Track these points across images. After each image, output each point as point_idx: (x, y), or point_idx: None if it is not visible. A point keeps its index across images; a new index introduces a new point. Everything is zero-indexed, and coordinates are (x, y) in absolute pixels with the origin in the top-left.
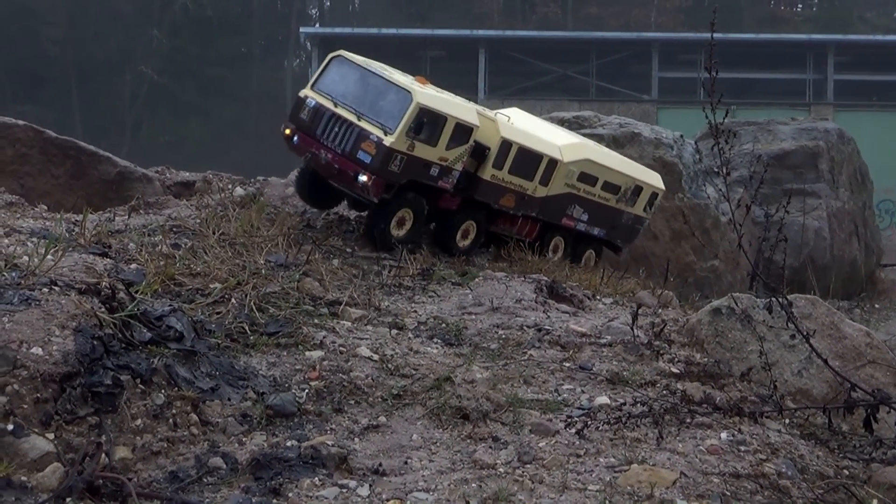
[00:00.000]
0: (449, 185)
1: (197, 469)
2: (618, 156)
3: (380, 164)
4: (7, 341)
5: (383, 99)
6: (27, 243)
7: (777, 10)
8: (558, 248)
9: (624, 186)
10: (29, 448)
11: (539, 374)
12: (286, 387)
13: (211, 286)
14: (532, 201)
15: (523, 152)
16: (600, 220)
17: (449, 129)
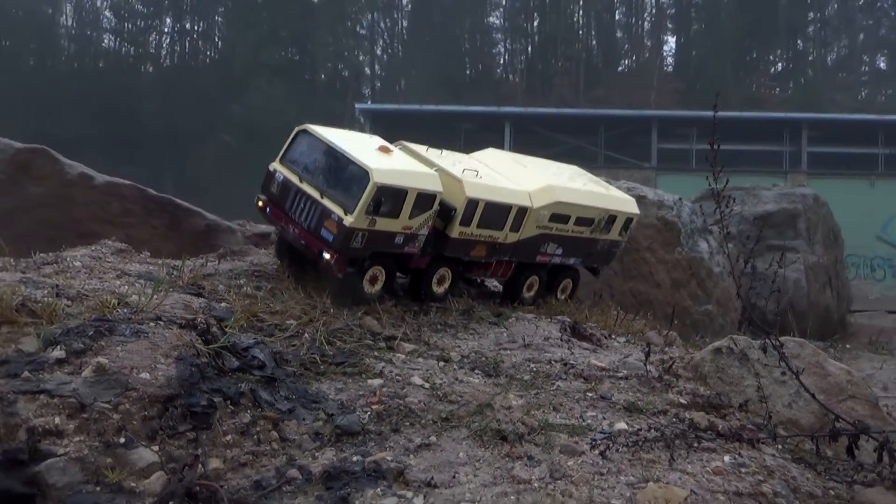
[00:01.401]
0: (416, 250)
1: (277, 479)
2: (593, 190)
3: (341, 243)
4: (120, 367)
5: (344, 175)
6: (135, 284)
7: (758, 91)
8: (533, 286)
9: (597, 218)
10: (137, 458)
11: (566, 402)
12: (351, 409)
13: (287, 322)
14: (504, 247)
15: (491, 206)
16: (575, 252)
17: (411, 200)
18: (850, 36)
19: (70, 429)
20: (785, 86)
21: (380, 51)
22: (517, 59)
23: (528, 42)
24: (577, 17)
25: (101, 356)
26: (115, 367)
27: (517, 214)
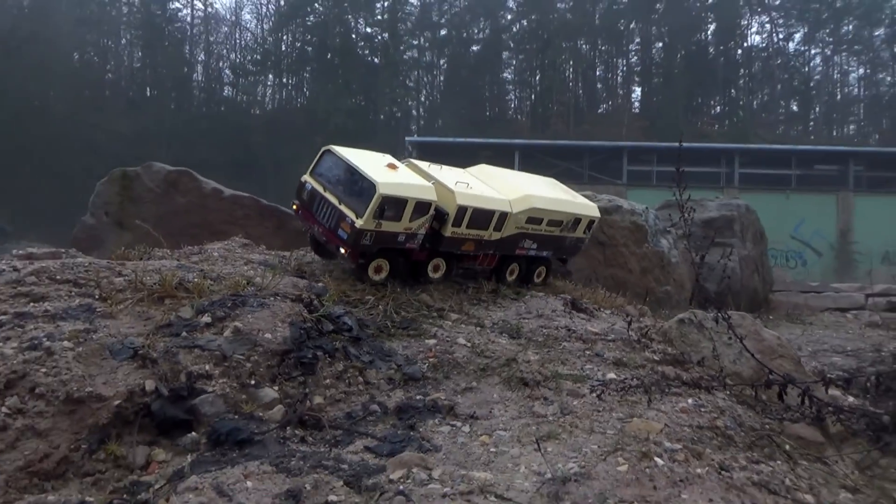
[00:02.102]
0: (416, 246)
1: (363, 412)
2: (563, 198)
3: (353, 241)
4: (251, 330)
5: (357, 186)
6: (257, 269)
7: (702, 128)
8: (514, 272)
9: (565, 220)
10: (263, 395)
11: (570, 358)
12: (414, 361)
13: (366, 297)
14: (489, 243)
15: (477, 212)
16: (547, 246)
17: (410, 207)
18: (771, 86)
19: (216, 373)
20: (722, 123)
21: (423, 98)
22: (524, 104)
23: (531, 91)
24: (568, 73)
25: (237, 321)
26: (247, 329)
27: (499, 218)
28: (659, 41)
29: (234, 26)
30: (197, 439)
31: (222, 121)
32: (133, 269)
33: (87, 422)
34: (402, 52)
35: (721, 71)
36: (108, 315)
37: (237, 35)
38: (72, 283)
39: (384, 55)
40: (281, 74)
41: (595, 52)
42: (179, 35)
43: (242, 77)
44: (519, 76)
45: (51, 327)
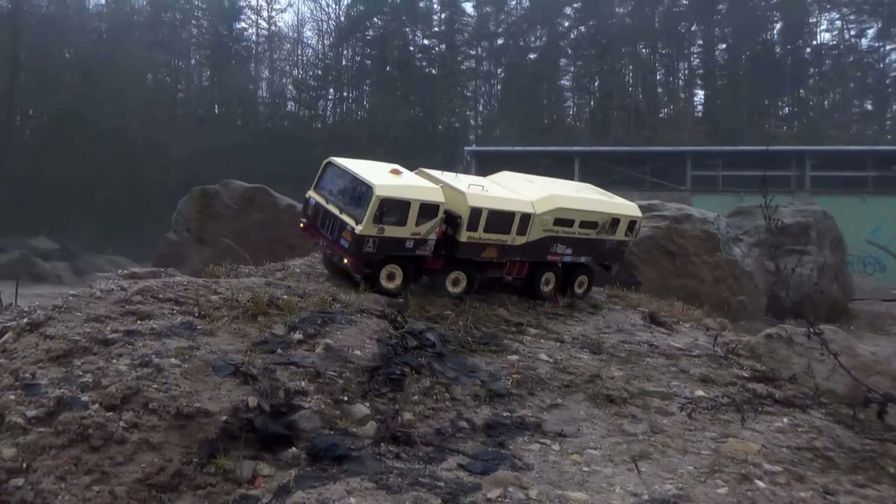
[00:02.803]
0: (427, 252)
1: (452, 428)
2: (594, 198)
3: (355, 249)
4: (341, 346)
5: (356, 193)
6: (340, 284)
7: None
8: (550, 282)
9: (601, 221)
10: (356, 411)
11: (655, 374)
12: (498, 378)
13: (445, 313)
14: (514, 249)
15: (494, 214)
16: (584, 251)
17: (415, 210)
18: (843, 85)
19: (311, 389)
20: (791, 125)
21: (481, 107)
22: (582, 110)
23: (590, 97)
24: (628, 78)
25: (328, 338)
26: (337, 346)
27: (521, 220)
28: (722, 42)
29: (297, 43)
30: (297, 454)
31: (286, 135)
32: (227, 287)
33: (197, 436)
34: (460, 62)
35: (789, 71)
36: (207, 332)
37: (299, 52)
38: (173, 302)
39: (442, 66)
40: (341, 88)
41: (655, 55)
42: (245, 54)
43: (304, 92)
44: (577, 83)
45: (158, 344)
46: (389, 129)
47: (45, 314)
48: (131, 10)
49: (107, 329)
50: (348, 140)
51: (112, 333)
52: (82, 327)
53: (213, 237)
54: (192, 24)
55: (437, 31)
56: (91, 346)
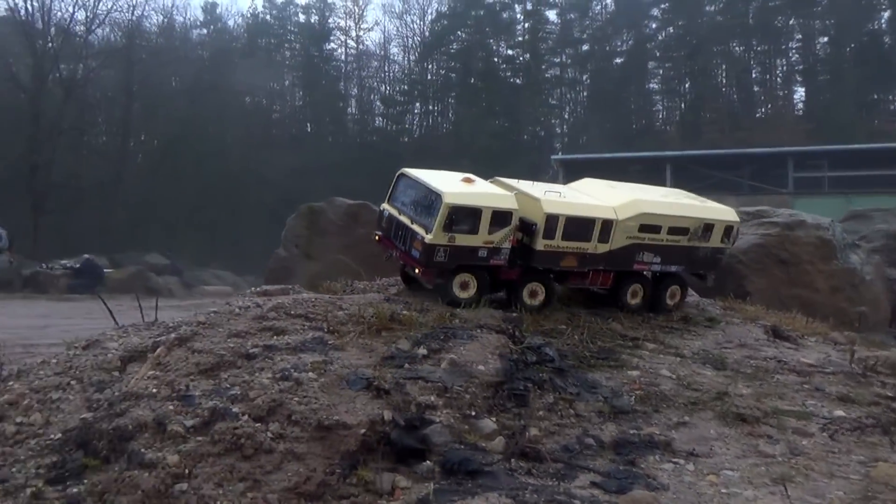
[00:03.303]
0: (502, 262)
1: (579, 445)
2: (683, 202)
3: (425, 258)
4: (466, 361)
5: (426, 202)
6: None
7: (880, 126)
8: (637, 293)
9: (692, 227)
10: (483, 426)
11: (787, 392)
12: (620, 394)
13: (560, 327)
14: (595, 257)
15: (572, 221)
16: (675, 259)
17: (487, 218)
18: None
19: (440, 404)
20: None
21: (567, 115)
22: (672, 114)
23: (681, 100)
24: (720, 78)
25: (451, 354)
26: (462, 361)
27: (603, 226)
28: (823, 35)
29: (383, 60)
30: (431, 467)
31: (374, 149)
32: (350, 303)
33: (339, 448)
34: (544, 70)
35: None
36: (338, 347)
37: (386, 68)
38: (303, 318)
39: (526, 75)
40: (427, 102)
41: (750, 53)
42: (335, 73)
43: (391, 107)
44: (666, 85)
45: (294, 359)
46: (475, 140)
47: (191, 330)
48: (230, 37)
49: (248, 344)
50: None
51: (253, 348)
52: (226, 342)
53: (320, 253)
54: (286, 48)
55: (520, 41)
56: (235, 360)
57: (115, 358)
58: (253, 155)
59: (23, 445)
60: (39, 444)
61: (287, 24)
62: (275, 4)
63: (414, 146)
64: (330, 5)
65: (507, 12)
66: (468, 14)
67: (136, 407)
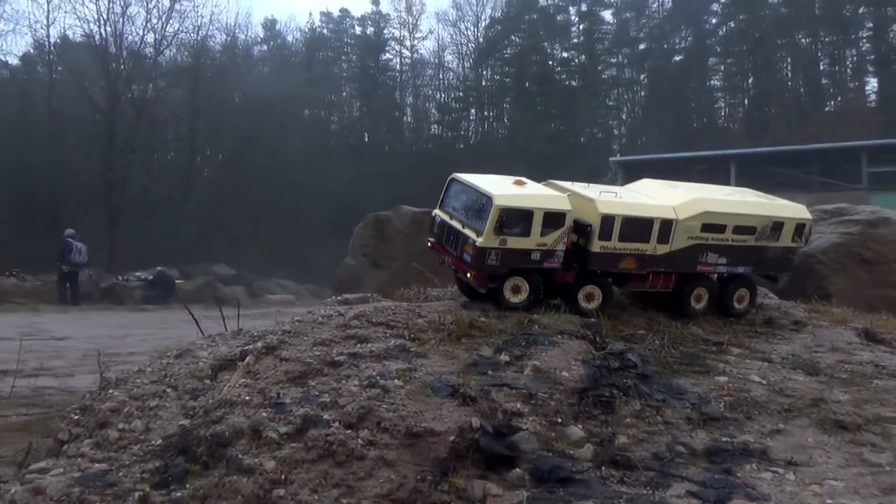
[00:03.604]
0: (556, 265)
1: (669, 453)
2: (749, 200)
3: (477, 262)
4: (549, 368)
5: (477, 205)
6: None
7: None
8: (702, 298)
9: (760, 225)
10: (571, 433)
11: (889, 399)
12: (708, 400)
13: (639, 332)
14: (655, 259)
15: (630, 221)
16: (742, 260)
17: (539, 219)
18: None
19: (526, 411)
20: None
21: (625, 116)
22: (735, 111)
23: (744, 96)
24: (786, 71)
25: (534, 360)
26: (545, 367)
27: (662, 226)
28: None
29: (438, 68)
30: (521, 475)
31: (430, 157)
32: (428, 310)
33: (429, 455)
34: (600, 71)
35: None
36: (421, 354)
37: (440, 76)
38: (385, 326)
39: (582, 77)
40: (482, 108)
41: (817, 44)
42: (391, 83)
43: (447, 114)
44: (728, 81)
45: (379, 366)
46: (531, 144)
47: (277, 339)
48: (289, 52)
49: (333, 352)
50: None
51: (338, 356)
52: (312, 351)
53: (387, 261)
54: (343, 60)
55: (575, 43)
56: (322, 367)
57: (206, 366)
58: (312, 166)
59: (126, 451)
60: (142, 449)
61: (343, 37)
62: (331, 18)
63: (470, 152)
64: (385, 16)
65: (561, 15)
66: (522, 18)
67: (231, 414)
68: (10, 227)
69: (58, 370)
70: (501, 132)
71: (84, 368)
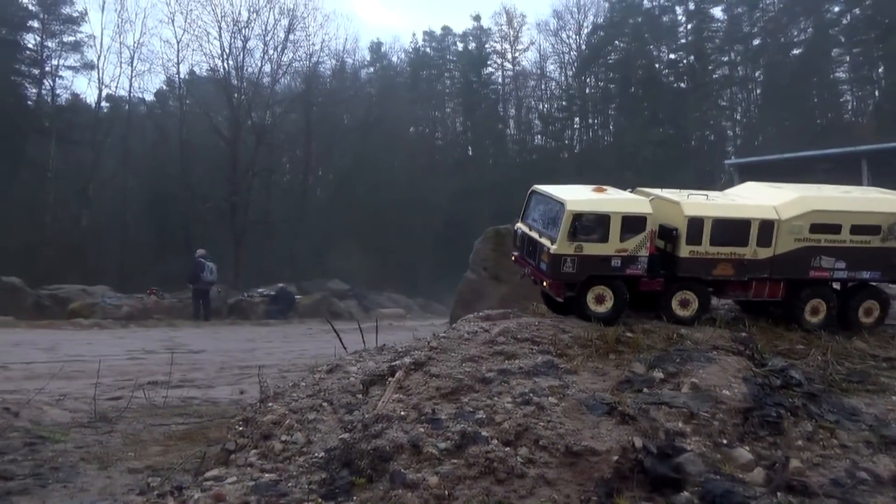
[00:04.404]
0: (640, 271)
1: (850, 479)
2: (866, 196)
3: (552, 270)
4: (708, 386)
5: (552, 214)
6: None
7: None
8: (819, 311)
9: (885, 224)
10: (738, 456)
11: None
12: (887, 422)
13: (796, 347)
14: (756, 264)
15: (721, 223)
16: (865, 264)
17: (616, 224)
18: None
19: (688, 431)
20: None
21: (739, 116)
22: (864, 104)
23: (873, 88)
24: None
25: (692, 377)
26: (704, 385)
27: (762, 228)
28: None
29: (540, 79)
30: (689, 499)
31: (533, 168)
32: (571, 325)
33: (591, 475)
34: (711, 71)
35: None
36: (570, 371)
37: (543, 86)
38: (530, 342)
39: (691, 78)
40: (586, 116)
41: None
42: (493, 96)
43: (550, 125)
44: (855, 73)
45: (530, 383)
46: (638, 150)
47: (425, 355)
48: (394, 72)
49: (482, 368)
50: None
51: (488, 372)
52: (461, 367)
53: (508, 274)
54: (446, 76)
55: (683, 44)
56: (472, 384)
57: (357, 381)
58: (418, 182)
59: (292, 462)
60: (307, 461)
61: (446, 54)
62: (434, 37)
63: (574, 161)
64: (486, 31)
65: (667, 15)
66: (626, 22)
67: (389, 429)
68: (149, 249)
69: (199, 381)
70: (607, 139)
71: (222, 380)
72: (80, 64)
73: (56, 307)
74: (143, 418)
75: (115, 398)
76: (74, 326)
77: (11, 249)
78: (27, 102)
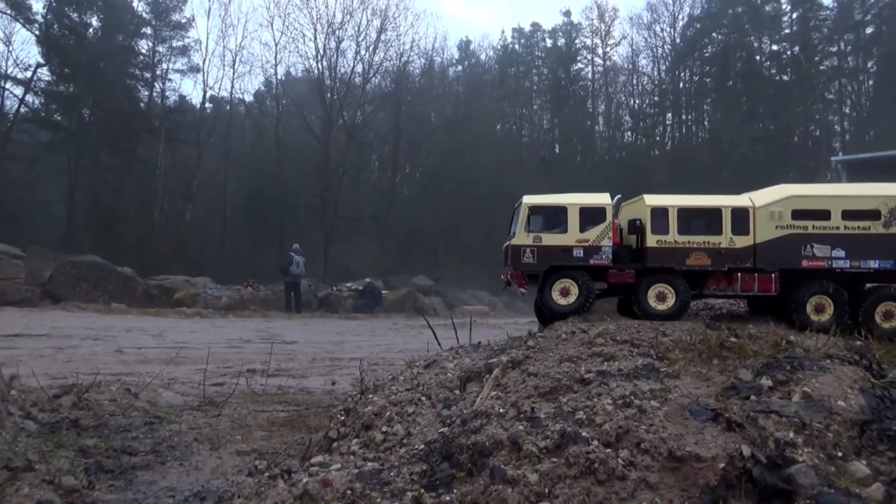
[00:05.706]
0: (605, 261)
1: None
2: (863, 185)
3: (512, 260)
4: (821, 396)
5: (517, 215)
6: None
7: None
8: (824, 309)
9: (885, 209)
10: (854, 469)
11: None
12: None
13: None
14: (736, 253)
15: (688, 212)
16: (870, 252)
17: (574, 215)
18: None
19: (799, 441)
20: None
21: (847, 110)
22: None
23: None
24: None
25: (803, 386)
26: (816, 395)
27: (735, 215)
28: None
29: (631, 74)
30: None
31: (623, 166)
32: (672, 328)
33: (695, 481)
34: (818, 62)
35: None
36: (671, 375)
37: (634, 81)
38: (630, 344)
39: (795, 71)
40: (679, 112)
41: None
42: (582, 92)
43: (642, 121)
44: None
45: (630, 386)
46: (736, 147)
47: (522, 353)
48: (482, 70)
49: (581, 369)
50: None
51: (587, 373)
52: (559, 367)
53: None
54: (534, 73)
55: (787, 34)
56: (571, 384)
57: (454, 377)
58: (504, 179)
59: (393, 452)
60: (408, 452)
61: (534, 51)
62: (523, 33)
63: (666, 159)
64: (576, 26)
65: (770, 4)
66: (725, 13)
67: (488, 425)
68: (246, 243)
69: (294, 371)
70: (701, 135)
71: (314, 371)
72: (187, 67)
73: (163, 296)
74: (246, 404)
75: (218, 384)
76: (179, 315)
77: (126, 242)
78: (140, 105)
